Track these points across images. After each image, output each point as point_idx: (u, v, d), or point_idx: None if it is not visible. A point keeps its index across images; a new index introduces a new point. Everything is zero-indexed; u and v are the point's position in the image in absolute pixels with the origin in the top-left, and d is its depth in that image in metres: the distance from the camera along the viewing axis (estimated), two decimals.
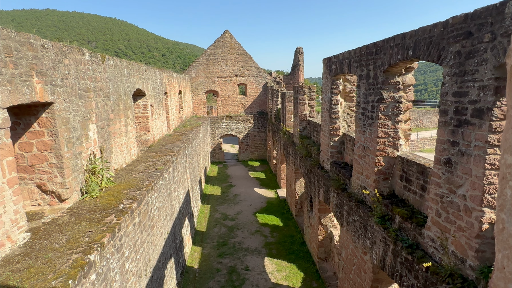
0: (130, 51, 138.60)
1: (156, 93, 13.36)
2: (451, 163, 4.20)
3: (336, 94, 9.16)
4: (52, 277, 3.82)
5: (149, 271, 7.39)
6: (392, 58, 5.62)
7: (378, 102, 6.24)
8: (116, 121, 8.64)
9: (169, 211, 9.77)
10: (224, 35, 27.24)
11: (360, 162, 7.15)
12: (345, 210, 8.05)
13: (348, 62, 7.76)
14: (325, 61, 9.63)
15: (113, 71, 8.52)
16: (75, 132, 6.27)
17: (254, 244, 13.44)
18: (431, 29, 4.52)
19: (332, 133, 9.35)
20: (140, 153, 10.94)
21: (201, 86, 27.74)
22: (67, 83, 6.04)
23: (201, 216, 16.58)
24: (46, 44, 5.39)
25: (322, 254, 11.42)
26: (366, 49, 6.66)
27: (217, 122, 27.79)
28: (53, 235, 4.88)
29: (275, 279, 10.94)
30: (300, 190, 15.38)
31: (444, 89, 4.29)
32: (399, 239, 5.43)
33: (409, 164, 5.72)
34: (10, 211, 4.44)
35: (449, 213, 4.30)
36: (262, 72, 28.21)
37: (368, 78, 6.62)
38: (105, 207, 6.06)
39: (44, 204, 5.87)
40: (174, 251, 10.07)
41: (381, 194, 6.36)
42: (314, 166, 11.05)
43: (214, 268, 11.66)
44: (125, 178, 7.99)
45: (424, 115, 39.02)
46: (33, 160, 5.67)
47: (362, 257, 7.10)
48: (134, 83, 10.34)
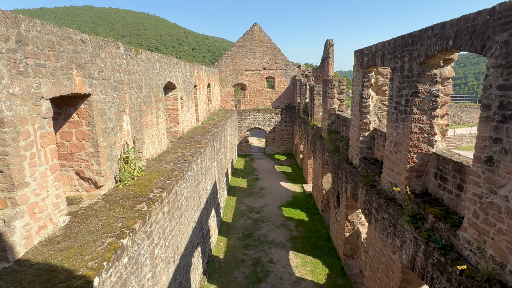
0: (161, 45, 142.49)
1: (186, 86, 13.65)
2: (493, 162, 3.93)
3: (367, 88, 8.85)
4: (88, 258, 4.08)
5: (177, 258, 7.66)
6: (430, 49, 5.31)
7: (413, 95, 5.95)
8: (148, 113, 8.95)
9: (196, 201, 10.02)
10: (253, 28, 27.16)
11: (391, 158, 6.89)
12: (374, 207, 7.82)
13: (381, 54, 7.45)
14: (356, 53, 9.31)
15: (146, 64, 8.80)
16: (110, 123, 6.58)
17: (279, 237, 13.48)
18: (475, 17, 4.20)
19: (362, 127, 9.07)
20: (170, 144, 11.28)
21: (229, 79, 27.95)
22: (103, 76, 6.32)
23: (227, 207, 16.86)
24: (85, 39, 5.66)
25: (348, 251, 11.22)
26: (402, 40, 6.34)
27: (244, 115, 27.93)
28: (90, 219, 5.19)
29: (299, 273, 10.93)
30: (327, 185, 15.15)
31: (488, 81, 3.99)
32: (431, 240, 5.19)
33: (445, 162, 5.43)
34: (52, 195, 4.77)
35: (488, 214, 4.03)
36: (290, 65, 27.88)
37: (402, 70, 6.32)
38: (137, 195, 6.33)
39: (82, 190, 6.25)
40: (200, 240, 10.35)
41: (413, 192, 6.10)
42: (342, 161, 10.82)
43: (239, 259, 11.86)
44: (156, 168, 8.28)
45: (463, 111, 36.73)
46: (72, 148, 6.03)
47: (391, 256, 6.89)
48: (165, 76, 10.62)
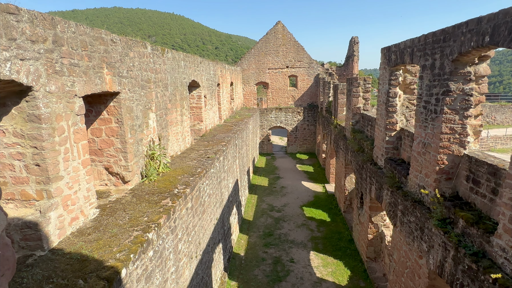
0: (185, 44, 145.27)
1: (209, 84, 13.83)
2: None
3: (394, 86, 8.57)
4: (116, 250, 4.24)
5: (199, 254, 7.80)
6: (464, 46, 5.05)
7: (444, 94, 5.69)
8: (173, 110, 9.15)
9: (218, 198, 10.15)
10: (276, 26, 27.04)
11: (419, 159, 6.64)
12: (400, 209, 7.58)
13: (410, 51, 7.18)
14: (383, 50, 9.04)
15: (171, 63, 9.00)
16: (137, 120, 6.79)
17: (300, 237, 13.39)
18: None
19: (388, 127, 8.80)
20: (193, 141, 11.49)
21: (252, 78, 28.02)
22: (132, 75, 6.53)
23: (248, 205, 16.95)
24: (115, 39, 5.87)
25: (371, 254, 10.95)
26: (433, 36, 6.08)
27: (266, 114, 27.91)
28: (118, 212, 5.39)
29: (320, 274, 10.81)
30: (350, 186, 14.85)
31: None
32: (461, 245, 4.96)
33: (478, 164, 5.16)
34: (84, 188, 5.00)
35: None
36: (314, 64, 27.53)
37: (433, 68, 6.06)
38: (161, 190, 6.51)
39: (110, 184, 6.50)
40: (222, 237, 10.48)
41: (442, 195, 5.85)
42: (366, 162, 10.56)
43: (259, 257, 11.90)
44: (180, 165, 8.47)
45: (498, 111, 34.71)
46: (102, 144, 6.29)
47: (417, 261, 6.65)
48: (189, 75, 10.82)
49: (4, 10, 3.45)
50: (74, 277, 3.64)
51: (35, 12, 3.90)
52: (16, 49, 3.61)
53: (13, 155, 4.08)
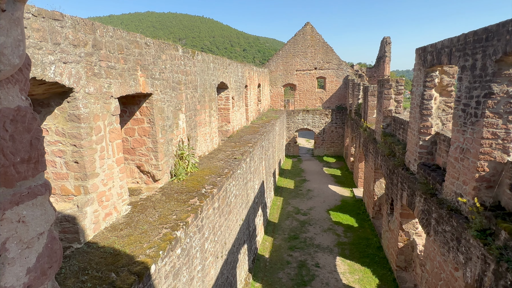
0: (214, 47, 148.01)
1: (237, 86, 13.97)
2: None
3: (430, 88, 8.18)
4: (147, 246, 4.38)
5: (225, 254, 7.87)
6: (509, 45, 4.71)
7: (486, 97, 5.34)
8: (202, 111, 9.34)
9: (244, 199, 10.20)
10: (305, 28, 26.81)
11: (457, 165, 6.27)
12: (434, 218, 7.20)
13: (448, 52, 6.82)
14: (418, 51, 8.66)
15: (201, 65, 9.19)
16: (168, 121, 6.99)
17: (325, 241, 13.13)
18: None
19: (422, 131, 8.40)
20: (220, 142, 11.65)
21: (279, 80, 27.96)
22: (163, 77, 6.75)
23: (274, 207, 16.89)
24: (149, 42, 6.10)
25: (402, 263, 10.49)
26: (474, 35, 5.73)
27: (293, 116, 27.71)
28: (148, 210, 5.57)
29: (346, 281, 10.52)
30: (379, 191, 14.34)
31: None
32: (503, 259, 4.61)
33: None
34: (117, 185, 5.22)
35: None
36: (343, 65, 26.96)
37: (473, 69, 5.71)
38: (189, 189, 6.65)
39: (141, 182, 6.74)
40: (247, 238, 10.52)
41: (482, 204, 5.48)
42: (397, 167, 10.15)
43: (284, 260, 11.80)
44: (207, 165, 8.61)
45: None
46: (134, 144, 6.54)
47: (452, 273, 6.27)
48: (218, 77, 10.99)
49: (50, 17, 3.69)
50: (107, 270, 3.80)
51: (77, 18, 4.14)
52: (60, 53, 3.84)
53: (55, 152, 4.35)
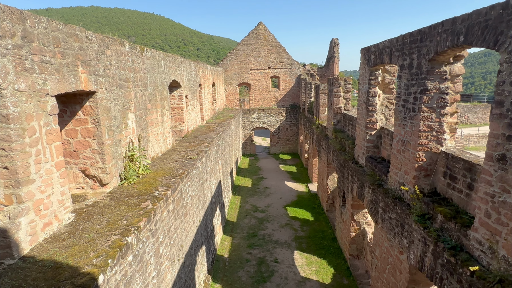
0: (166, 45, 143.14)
1: (190, 84, 13.63)
2: (506, 160, 3.82)
3: (374, 86, 8.74)
4: (93, 256, 4.05)
5: (182, 257, 7.63)
6: (440, 46, 5.20)
7: (422, 93, 5.84)
8: (153, 111, 8.93)
9: (201, 200, 9.99)
10: (258, 27, 27.09)
11: (399, 157, 6.78)
12: (381, 206, 7.72)
13: (388, 51, 7.34)
14: (363, 51, 9.20)
15: (151, 63, 8.79)
16: (115, 121, 6.56)
17: (283, 237, 13.41)
18: (488, 12, 4.09)
19: (369, 126, 8.96)
20: (174, 143, 11.27)
21: (234, 79, 27.92)
22: (109, 73, 6.31)
23: (232, 206, 16.83)
24: (90, 36, 5.65)
25: (354, 251, 11.11)
26: (410, 36, 6.23)
27: (249, 115, 27.88)
28: (95, 216, 5.17)
29: (304, 273, 10.84)
30: (332, 185, 15.04)
31: (501, 77, 3.88)
32: (440, 240, 5.09)
33: (455, 161, 5.31)
34: (58, 192, 4.75)
35: (500, 214, 3.93)
36: (295, 65, 27.77)
37: (411, 67, 6.21)
38: (141, 193, 6.31)
39: (87, 187, 6.24)
40: (205, 239, 10.32)
41: (421, 191, 5.99)
42: (348, 161, 10.71)
43: (243, 258, 11.81)
44: (161, 166, 8.26)
45: (470, 111, 36.28)
46: (77, 146, 6.02)
47: (398, 257, 6.78)
48: (170, 75, 10.61)
49: None
50: (46, 286, 3.44)
51: (1, 5, 3.67)
52: None
53: None
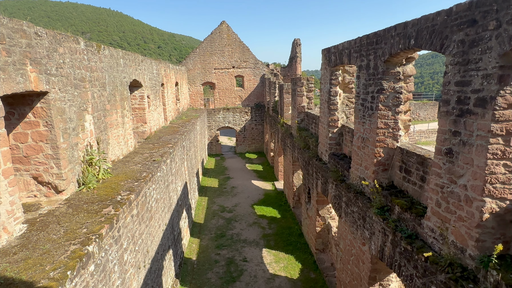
0: (125, 43, 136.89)
1: (152, 84, 13.19)
2: (453, 153, 4.18)
3: (335, 85, 9.09)
4: (50, 268, 3.78)
5: (148, 263, 7.38)
6: (393, 48, 5.55)
7: (378, 92, 6.19)
8: (113, 112, 8.52)
9: (167, 202, 9.73)
10: (221, 26, 26.90)
11: (359, 153, 7.13)
12: (344, 201, 8.06)
13: (347, 53, 7.67)
14: (324, 51, 9.53)
15: (109, 61, 8.37)
16: (71, 123, 6.16)
17: (252, 235, 13.49)
18: (434, 18, 4.44)
19: (331, 124, 9.31)
20: (137, 145, 10.84)
21: (198, 78, 27.48)
22: (62, 72, 5.91)
23: (199, 208, 16.58)
24: (40, 32, 5.25)
25: (320, 245, 11.49)
26: (367, 39, 6.57)
27: (214, 114, 27.63)
28: (50, 226, 4.82)
29: (273, 270, 11.01)
30: (298, 182, 15.41)
31: (447, 78, 4.24)
32: (398, 230, 5.44)
33: (409, 155, 5.71)
34: (6, 202, 4.36)
35: (449, 203, 4.29)
36: (259, 64, 27.99)
37: (368, 68, 6.55)
38: (102, 198, 6.00)
39: (41, 195, 5.79)
40: (172, 243, 10.07)
41: (380, 185, 6.35)
42: (312, 158, 11.04)
43: (212, 260, 11.70)
44: (123, 170, 7.91)
45: (421, 108, 39.11)
46: (28, 151, 5.57)
47: (361, 248, 7.13)
48: (130, 74, 10.18)
49: None
50: None
51: None
52: None
53: None
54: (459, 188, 4.11)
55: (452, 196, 4.23)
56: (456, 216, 4.17)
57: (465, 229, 4.03)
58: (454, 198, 4.19)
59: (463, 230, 4.07)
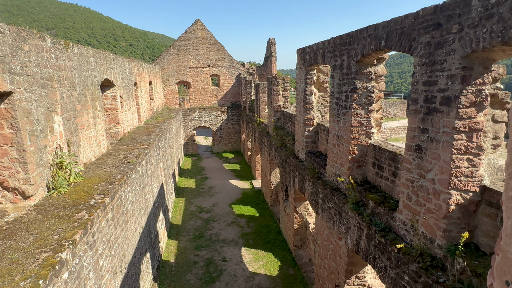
0: (94, 40, 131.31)
1: (125, 83, 12.80)
2: (421, 149, 4.42)
3: (310, 85, 9.27)
4: (20, 278, 3.59)
5: (124, 267, 7.18)
6: (365, 49, 5.75)
7: (352, 92, 6.40)
8: (84, 112, 8.19)
9: (143, 205, 9.50)
10: (195, 25, 26.54)
11: (335, 150, 7.33)
12: (320, 198, 8.26)
13: (322, 53, 7.85)
14: (299, 51, 9.68)
15: (79, 60, 8.02)
16: (38, 124, 5.86)
17: (230, 235, 13.48)
18: (403, 20, 4.66)
19: (307, 123, 9.49)
20: (110, 146, 10.49)
21: (172, 77, 26.96)
22: (28, 72, 5.60)
23: (176, 209, 16.32)
24: (3, 28, 4.94)
25: (298, 242, 11.69)
26: (340, 39, 6.76)
27: (189, 114, 27.24)
28: (19, 234, 4.57)
29: (252, 269, 11.07)
30: (275, 180, 15.57)
31: (415, 78, 4.47)
32: (372, 224, 5.67)
33: (381, 152, 5.95)
34: None
35: (419, 196, 4.54)
36: (235, 63, 27.92)
37: (342, 68, 6.75)
38: (75, 203, 5.76)
39: (6, 202, 5.47)
40: (149, 246, 9.85)
41: (355, 181, 6.57)
42: (289, 156, 11.20)
43: (191, 261, 11.57)
44: (96, 173, 7.63)
45: (391, 106, 40.73)
46: None
47: (337, 243, 7.35)
48: (101, 73, 9.82)
49: None
50: None
51: None
52: None
53: None
54: (427, 182, 4.35)
55: (421, 189, 4.48)
56: (425, 209, 4.42)
57: (433, 221, 4.28)
58: (423, 191, 4.43)
59: (431, 222, 4.31)
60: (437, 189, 4.18)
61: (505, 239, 0.78)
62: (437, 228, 4.22)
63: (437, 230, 4.23)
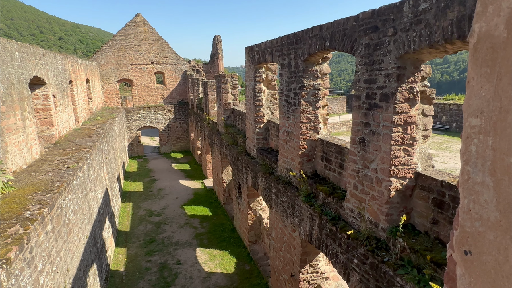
0: (15, 32, 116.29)
1: (58, 81, 11.63)
2: (365, 142, 4.82)
3: (259, 83, 9.44)
4: None
5: (69, 282, 6.58)
6: (312, 48, 6.05)
7: (300, 89, 6.68)
8: (10, 114, 7.26)
9: (86, 213, 8.77)
10: (136, 19, 25.10)
11: (286, 146, 7.60)
12: (274, 192, 8.50)
13: (270, 51, 8.04)
14: (247, 49, 9.78)
15: (1, 55, 7.08)
16: None
17: (184, 237, 13.15)
18: (345, 22, 5.01)
19: (257, 120, 9.65)
20: (44, 151, 9.46)
21: (112, 75, 25.19)
22: None
23: (123, 215, 15.38)
24: None
25: (253, 238, 11.88)
26: (287, 39, 7.00)
27: (133, 114, 25.78)
28: None
29: (208, 269, 10.96)
30: (228, 178, 15.56)
31: (357, 77, 4.84)
32: (323, 213, 6.02)
33: (329, 146, 6.34)
34: None
35: (364, 185, 4.94)
36: (180, 60, 27.09)
37: (290, 66, 7.00)
38: (6, 216, 5.11)
39: None
40: (95, 257, 9.15)
41: (306, 174, 6.90)
42: (241, 154, 11.28)
43: (142, 268, 11.04)
44: (28, 181, 6.84)
45: (332, 102, 43.31)
46: None
47: (291, 234, 7.65)
48: (29, 70, 8.78)
49: None
50: None
51: None
52: None
53: None
54: (371, 172, 4.76)
55: (366, 179, 4.88)
56: (370, 196, 4.84)
57: (377, 206, 4.70)
58: (368, 180, 4.84)
59: (375, 207, 4.74)
60: (379, 178, 4.60)
61: (462, 215, 0.92)
62: (381, 213, 4.65)
63: (380, 214, 4.66)
